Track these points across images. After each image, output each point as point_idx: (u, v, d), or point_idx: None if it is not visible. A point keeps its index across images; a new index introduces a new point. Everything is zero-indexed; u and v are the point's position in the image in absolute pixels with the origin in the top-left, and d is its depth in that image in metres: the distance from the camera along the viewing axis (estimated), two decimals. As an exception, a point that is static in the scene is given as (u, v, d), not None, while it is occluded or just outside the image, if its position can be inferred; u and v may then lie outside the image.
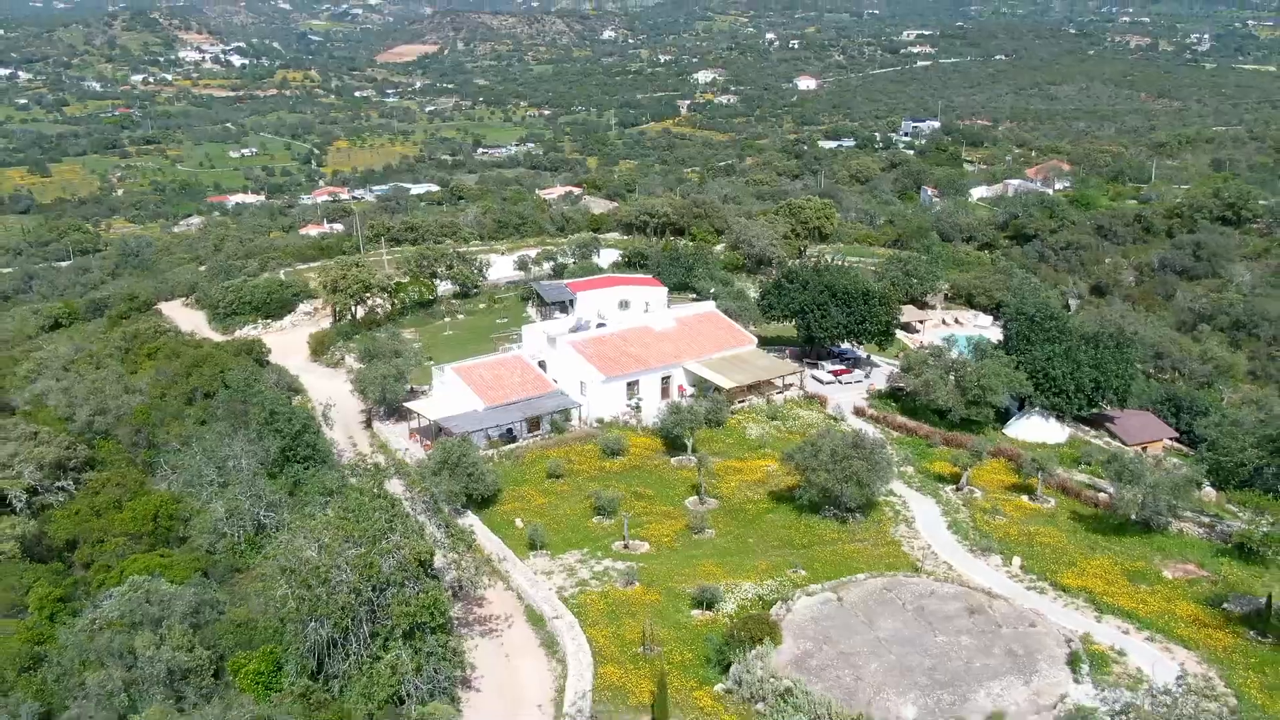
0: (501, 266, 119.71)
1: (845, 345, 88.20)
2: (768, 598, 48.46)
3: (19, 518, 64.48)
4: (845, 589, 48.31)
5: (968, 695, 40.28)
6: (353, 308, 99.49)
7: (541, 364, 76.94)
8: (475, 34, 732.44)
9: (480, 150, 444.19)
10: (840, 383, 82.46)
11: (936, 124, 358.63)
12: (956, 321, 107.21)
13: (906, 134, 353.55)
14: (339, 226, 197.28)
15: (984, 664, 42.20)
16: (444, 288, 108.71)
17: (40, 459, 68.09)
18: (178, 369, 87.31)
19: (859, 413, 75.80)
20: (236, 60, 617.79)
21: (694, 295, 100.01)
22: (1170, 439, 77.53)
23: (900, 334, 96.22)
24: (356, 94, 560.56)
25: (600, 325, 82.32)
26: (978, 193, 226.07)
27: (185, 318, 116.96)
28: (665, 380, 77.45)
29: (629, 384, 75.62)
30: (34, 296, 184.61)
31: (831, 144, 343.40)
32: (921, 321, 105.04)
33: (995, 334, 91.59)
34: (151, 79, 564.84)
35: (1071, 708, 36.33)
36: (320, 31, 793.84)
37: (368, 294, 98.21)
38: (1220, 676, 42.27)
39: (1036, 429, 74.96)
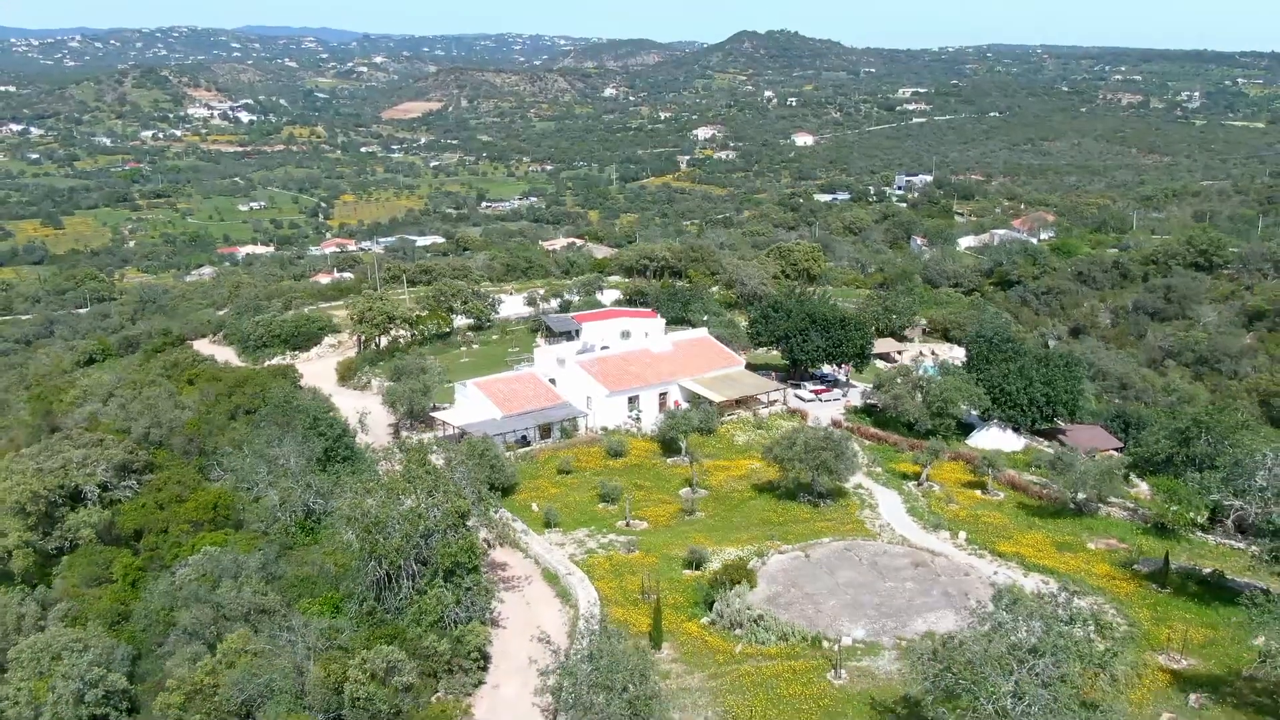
0: (511, 304, 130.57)
1: (826, 369, 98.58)
2: (747, 558, 58.06)
3: (94, 508, 74.19)
4: (812, 549, 58.19)
5: (907, 622, 49.86)
6: (377, 338, 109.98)
7: (552, 381, 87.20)
8: (479, 91, 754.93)
9: (484, 204, 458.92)
10: (820, 400, 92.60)
11: (929, 178, 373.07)
12: (933, 354, 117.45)
13: (900, 188, 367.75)
14: (348, 275, 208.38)
15: (923, 601, 51.84)
16: (459, 321, 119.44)
17: (110, 460, 77.95)
18: (221, 389, 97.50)
19: (835, 424, 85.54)
20: (244, 116, 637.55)
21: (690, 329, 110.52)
22: (1115, 449, 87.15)
23: (880, 364, 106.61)
24: (362, 149, 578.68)
25: (604, 348, 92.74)
26: (965, 242, 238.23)
27: (215, 352, 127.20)
28: (662, 396, 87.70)
29: (630, 398, 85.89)
30: (56, 340, 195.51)
31: (827, 197, 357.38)
32: (899, 353, 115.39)
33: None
34: (161, 135, 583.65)
35: (975, 605, 45.66)
36: (326, 89, 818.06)
37: (391, 325, 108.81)
38: (1119, 612, 51.92)
39: (995, 439, 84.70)
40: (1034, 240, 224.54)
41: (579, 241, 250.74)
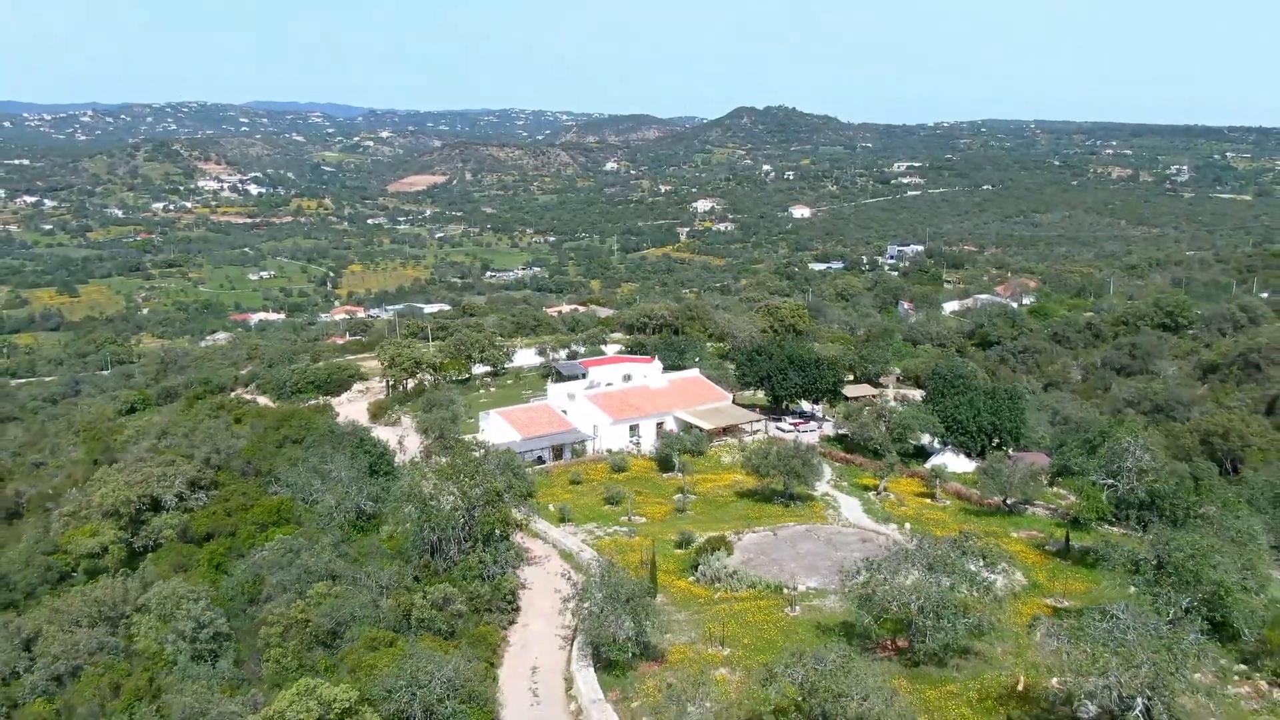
0: (523, 355, 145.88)
1: (804, 406, 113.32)
2: (726, 535, 72.08)
3: (174, 513, 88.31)
4: (780, 530, 72.37)
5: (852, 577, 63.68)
6: (405, 380, 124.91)
7: (564, 412, 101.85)
8: (483, 165, 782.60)
9: (488, 273, 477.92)
10: (798, 432, 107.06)
11: (920, 248, 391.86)
12: (901, 396, 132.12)
13: (892, 257, 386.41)
14: (361, 339, 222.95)
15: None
16: (477, 369, 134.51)
17: (184, 475, 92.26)
18: (269, 423, 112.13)
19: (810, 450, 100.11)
20: (253, 189, 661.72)
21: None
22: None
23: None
24: (368, 221, 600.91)
25: (608, 385, 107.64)
26: (949, 306, 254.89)
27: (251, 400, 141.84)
28: (660, 425, 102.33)
29: (631, 426, 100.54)
30: (84, 398, 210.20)
31: (821, 266, 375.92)
32: (873, 397, 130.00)
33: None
34: (172, 206, 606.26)
35: (892, 545, 59.64)
36: (333, 163, 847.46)
37: (418, 369, 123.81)
38: (1024, 573, 65.88)
39: (948, 463, 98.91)
40: (1014, 305, 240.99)
41: (581, 309, 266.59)
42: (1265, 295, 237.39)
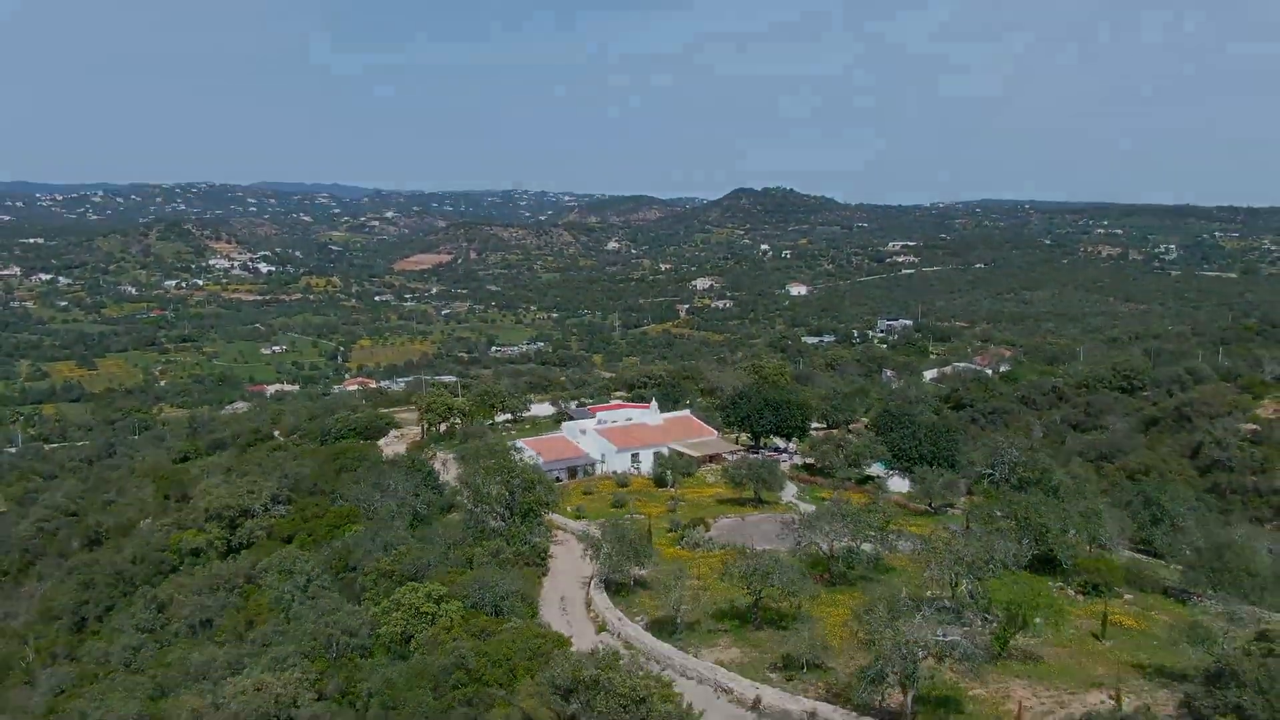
0: (538, 408, 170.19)
1: (778, 442, 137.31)
2: (706, 520, 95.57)
3: (261, 519, 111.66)
4: (747, 517, 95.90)
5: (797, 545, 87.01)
6: (439, 424, 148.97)
7: (577, 443, 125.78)
8: (487, 244, 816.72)
9: (494, 348, 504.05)
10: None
11: (909, 323, 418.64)
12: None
13: (882, 331, 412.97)
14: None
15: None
16: (500, 417, 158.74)
17: (268, 489, 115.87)
18: (325, 455, 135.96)
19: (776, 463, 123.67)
20: (263, 267, 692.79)
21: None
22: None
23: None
24: (376, 298, 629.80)
25: (613, 422, 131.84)
26: (929, 374, 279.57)
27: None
28: (656, 454, 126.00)
29: (633, 454, 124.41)
30: (121, 460, 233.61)
31: (814, 340, 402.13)
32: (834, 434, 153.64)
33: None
34: (184, 284, 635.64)
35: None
36: (340, 242, 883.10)
37: (450, 414, 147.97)
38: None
39: (894, 485, 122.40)
40: (989, 371, 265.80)
41: (586, 377, 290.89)
42: (1228, 364, 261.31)
